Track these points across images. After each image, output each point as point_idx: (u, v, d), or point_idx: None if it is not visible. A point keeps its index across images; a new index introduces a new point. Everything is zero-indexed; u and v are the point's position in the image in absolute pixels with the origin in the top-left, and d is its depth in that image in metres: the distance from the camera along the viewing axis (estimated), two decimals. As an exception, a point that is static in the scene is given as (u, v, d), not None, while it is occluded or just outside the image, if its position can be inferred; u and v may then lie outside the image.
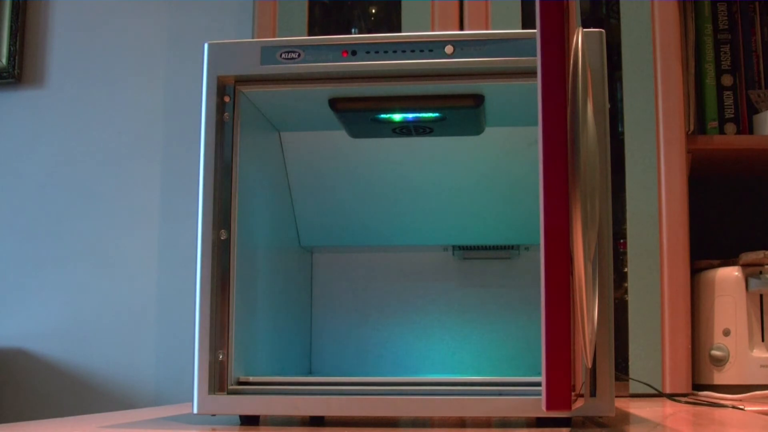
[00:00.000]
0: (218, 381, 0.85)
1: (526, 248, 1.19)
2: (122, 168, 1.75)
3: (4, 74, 1.78)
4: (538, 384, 0.62)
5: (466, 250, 1.19)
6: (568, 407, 0.61)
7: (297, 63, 0.89)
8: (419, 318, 1.18)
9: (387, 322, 1.18)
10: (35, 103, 1.78)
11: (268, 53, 0.89)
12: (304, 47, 0.89)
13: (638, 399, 1.24)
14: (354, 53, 0.88)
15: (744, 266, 1.32)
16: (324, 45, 0.89)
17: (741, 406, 1.11)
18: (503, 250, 1.19)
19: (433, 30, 1.39)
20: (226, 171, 0.89)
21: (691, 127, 1.38)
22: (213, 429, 0.84)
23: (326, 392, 0.84)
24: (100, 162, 1.76)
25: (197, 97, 0.90)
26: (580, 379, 0.65)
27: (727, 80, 1.45)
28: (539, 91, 0.63)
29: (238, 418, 0.88)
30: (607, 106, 0.85)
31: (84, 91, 1.78)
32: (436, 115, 0.98)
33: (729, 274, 1.33)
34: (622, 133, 1.36)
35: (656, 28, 1.35)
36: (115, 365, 1.70)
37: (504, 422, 0.87)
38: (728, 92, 1.45)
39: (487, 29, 1.37)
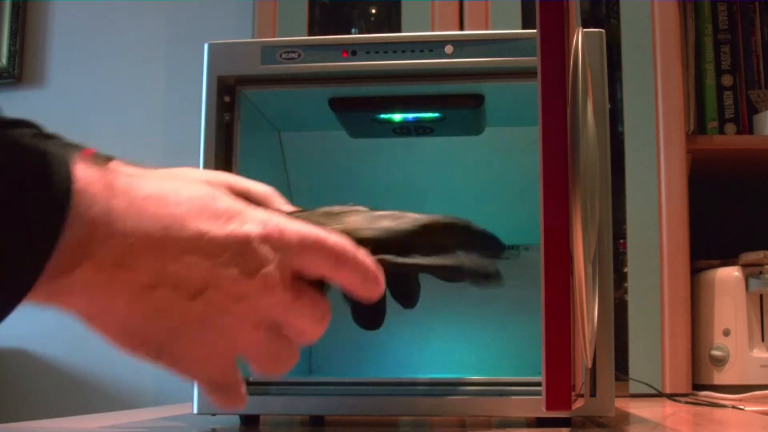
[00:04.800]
0: (218, 381, 0.85)
1: (526, 248, 1.18)
2: (122, 168, 1.74)
3: (4, 74, 1.78)
4: (538, 384, 0.62)
5: (466, 250, 1.19)
6: (568, 407, 0.61)
7: (297, 63, 0.89)
8: (419, 318, 1.18)
9: (387, 322, 1.18)
10: (35, 103, 1.78)
11: (268, 53, 0.89)
12: (304, 47, 0.89)
13: (638, 399, 1.24)
14: (354, 53, 0.88)
15: (744, 266, 1.32)
16: (324, 45, 0.89)
17: (741, 406, 1.11)
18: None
19: (433, 30, 1.39)
20: (226, 171, 0.89)
21: (691, 127, 1.38)
22: (213, 429, 0.84)
23: (326, 392, 0.84)
24: (100, 162, 1.75)
25: (197, 97, 0.90)
26: (580, 379, 0.65)
27: (727, 80, 1.45)
28: (539, 91, 0.63)
29: (238, 418, 0.88)
30: (607, 106, 0.85)
31: (84, 91, 1.78)
32: (436, 115, 0.98)
33: (729, 274, 1.33)
34: (622, 133, 1.36)
35: (656, 28, 1.35)
36: (115, 365, 1.70)
37: (504, 422, 0.87)
38: (728, 92, 1.45)
39: (487, 29, 1.37)
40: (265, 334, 0.43)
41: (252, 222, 0.42)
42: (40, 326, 1.72)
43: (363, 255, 0.47)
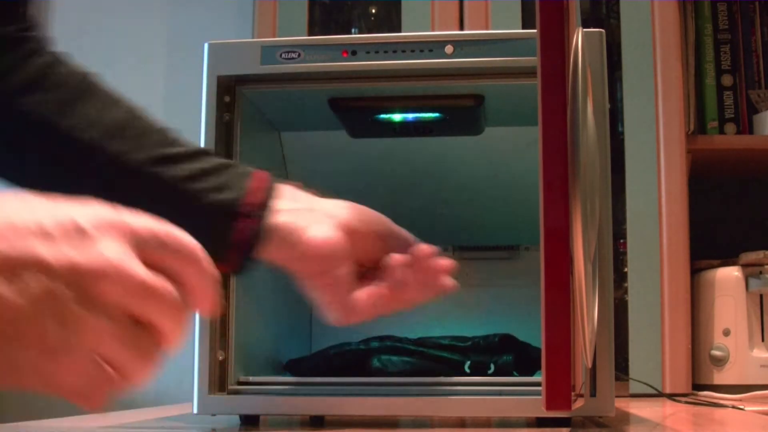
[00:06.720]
0: (218, 381, 0.85)
1: (526, 248, 1.18)
2: (122, 168, 1.74)
3: (4, 74, 1.78)
4: (538, 384, 0.62)
5: (466, 250, 1.19)
6: (568, 407, 0.61)
7: (297, 63, 0.89)
8: (419, 318, 1.18)
9: (387, 322, 1.18)
10: (35, 103, 1.78)
11: (268, 53, 0.89)
12: (304, 47, 0.89)
13: (638, 399, 1.24)
14: (354, 53, 0.88)
15: (744, 266, 1.32)
16: (324, 45, 0.89)
17: (741, 406, 1.11)
18: (503, 250, 1.19)
19: (433, 30, 1.39)
20: (226, 171, 0.88)
21: (691, 127, 1.38)
22: (213, 429, 0.84)
23: (326, 392, 0.84)
24: (100, 162, 1.76)
25: (197, 97, 0.90)
26: (580, 379, 0.65)
27: (727, 80, 1.45)
28: (539, 91, 0.63)
29: (238, 418, 0.88)
30: (607, 106, 0.85)
31: (84, 91, 1.78)
32: (436, 115, 0.98)
33: (729, 274, 1.33)
34: (622, 133, 1.36)
35: (656, 28, 1.35)
36: (115, 365, 1.69)
37: (504, 422, 0.87)
38: (728, 92, 1.45)
39: (487, 29, 1.37)
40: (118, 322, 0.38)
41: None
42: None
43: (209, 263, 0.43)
